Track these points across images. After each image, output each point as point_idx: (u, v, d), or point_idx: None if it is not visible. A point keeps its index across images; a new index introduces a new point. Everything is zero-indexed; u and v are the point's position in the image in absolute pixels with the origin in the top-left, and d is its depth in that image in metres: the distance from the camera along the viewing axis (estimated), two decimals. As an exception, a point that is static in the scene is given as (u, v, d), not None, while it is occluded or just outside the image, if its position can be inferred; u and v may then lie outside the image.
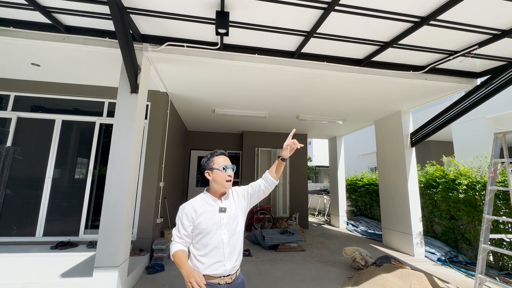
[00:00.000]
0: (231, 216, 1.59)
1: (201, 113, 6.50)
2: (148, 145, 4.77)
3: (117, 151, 3.16)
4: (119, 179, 3.10)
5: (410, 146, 5.69)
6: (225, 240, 1.53)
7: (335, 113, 6.29)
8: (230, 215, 1.59)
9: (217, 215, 1.56)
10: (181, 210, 1.56)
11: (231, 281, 1.54)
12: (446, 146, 9.35)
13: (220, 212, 1.57)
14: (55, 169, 4.53)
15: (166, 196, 5.40)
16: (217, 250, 1.51)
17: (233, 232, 1.58)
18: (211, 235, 1.52)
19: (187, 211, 1.54)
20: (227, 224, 1.56)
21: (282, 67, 3.80)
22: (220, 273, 1.50)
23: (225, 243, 1.53)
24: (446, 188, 5.25)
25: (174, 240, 1.55)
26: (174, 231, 1.56)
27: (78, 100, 4.80)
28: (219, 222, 1.54)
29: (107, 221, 2.99)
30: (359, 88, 4.61)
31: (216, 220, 1.54)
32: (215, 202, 1.61)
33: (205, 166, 1.66)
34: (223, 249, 1.52)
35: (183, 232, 1.53)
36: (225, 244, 1.53)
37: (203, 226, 1.51)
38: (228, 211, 1.59)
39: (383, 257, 4.14)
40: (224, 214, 1.57)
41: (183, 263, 1.45)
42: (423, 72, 4.14)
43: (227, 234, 1.55)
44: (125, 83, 3.30)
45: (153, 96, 4.90)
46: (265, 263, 4.62)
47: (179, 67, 3.94)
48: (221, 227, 1.54)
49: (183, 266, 1.43)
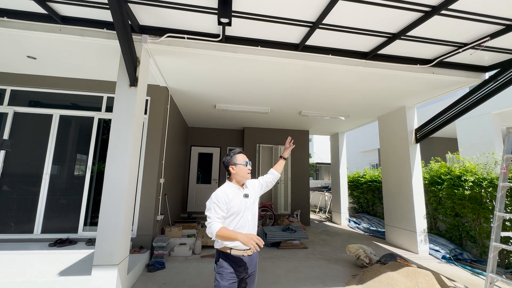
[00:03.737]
0: (251, 200, 1.95)
1: (201, 108, 6.39)
2: (148, 141, 4.67)
3: (116, 147, 3.06)
4: (118, 175, 3.00)
5: (414, 142, 5.59)
6: (249, 219, 1.90)
7: (338, 109, 6.17)
8: (251, 200, 1.95)
9: (243, 200, 1.90)
10: (215, 197, 1.83)
11: (252, 253, 1.89)
12: (449, 142, 9.25)
13: (245, 197, 1.92)
14: (53, 165, 4.44)
15: (166, 193, 5.32)
16: (243, 229, 1.84)
17: (254, 213, 1.96)
18: (240, 216, 1.86)
19: (223, 197, 1.83)
20: (250, 207, 1.93)
21: (285, 60, 3.68)
22: (244, 247, 1.81)
23: (249, 221, 1.89)
24: (451, 185, 5.16)
25: (213, 221, 1.75)
26: (210, 214, 1.79)
27: (76, 95, 4.69)
28: (245, 206, 1.89)
29: (105, 219, 2.90)
30: (364, 82, 4.50)
31: (243, 204, 1.89)
32: (239, 190, 1.94)
33: (229, 162, 2.00)
34: (248, 227, 1.87)
35: (221, 213, 1.80)
36: (249, 223, 1.89)
37: (234, 209, 1.84)
38: (250, 197, 1.95)
39: (387, 255, 4.07)
40: (247, 199, 1.93)
41: (234, 232, 1.72)
42: (430, 66, 4.03)
43: (250, 215, 1.91)
44: (124, 75, 3.19)
45: (152, 91, 4.79)
46: (267, 260, 4.55)
47: (179, 60, 3.82)
48: (247, 209, 1.90)
49: (237, 234, 1.69)
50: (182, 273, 3.83)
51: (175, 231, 5.06)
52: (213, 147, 8.85)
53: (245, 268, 1.84)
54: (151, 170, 4.59)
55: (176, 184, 6.71)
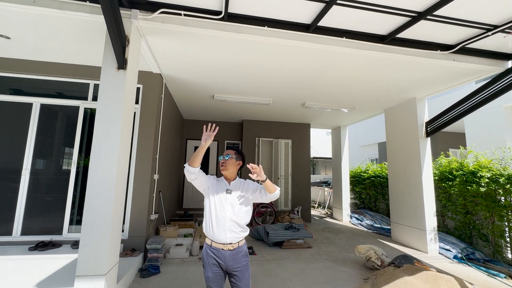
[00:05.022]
0: (234, 197, 1.95)
1: (198, 99, 5.96)
2: (140, 134, 4.25)
3: (102, 139, 2.65)
4: (105, 172, 2.60)
5: (425, 136, 5.29)
6: (228, 216, 1.90)
7: (344, 100, 5.82)
8: (233, 196, 1.95)
9: (224, 194, 1.94)
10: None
11: (233, 248, 1.89)
12: (454, 137, 9.00)
13: (227, 193, 1.95)
14: (34, 160, 3.99)
15: (161, 189, 4.92)
16: (219, 222, 1.89)
17: (238, 212, 1.92)
18: (216, 205, 1.91)
19: (211, 177, 2.04)
20: (231, 203, 1.93)
21: (294, 42, 3.29)
22: (223, 241, 1.87)
23: (227, 218, 1.89)
24: (464, 181, 4.90)
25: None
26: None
27: (58, 82, 4.21)
28: (225, 200, 1.93)
29: (90, 222, 2.51)
30: (377, 70, 4.13)
31: (223, 197, 1.94)
32: (225, 184, 2.01)
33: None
34: (225, 222, 1.88)
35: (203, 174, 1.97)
36: (227, 220, 1.89)
37: (210, 195, 1.95)
38: (233, 194, 1.95)
39: (401, 257, 3.79)
40: (229, 195, 1.95)
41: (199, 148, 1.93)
42: (452, 52, 3.68)
43: (231, 212, 1.90)
44: (111, 56, 2.75)
45: (145, 78, 4.35)
46: (271, 262, 4.23)
47: (174, 42, 3.39)
48: (226, 204, 1.92)
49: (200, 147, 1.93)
50: (179, 279, 3.48)
51: (170, 231, 4.70)
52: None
53: (226, 261, 1.86)
54: (144, 165, 4.18)
55: (171, 180, 6.32)
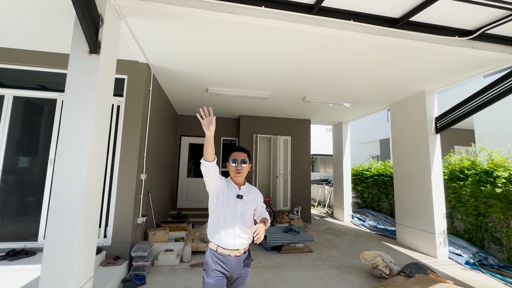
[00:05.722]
0: (244, 203, 1.84)
1: (191, 92, 5.55)
2: (125, 130, 3.86)
3: (70, 136, 2.26)
4: (74, 173, 2.22)
5: (434, 132, 4.93)
6: (238, 220, 1.79)
7: (348, 94, 5.43)
8: (244, 202, 1.85)
9: (235, 199, 1.83)
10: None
11: (240, 254, 1.80)
12: (461, 134, 8.64)
13: (238, 198, 1.83)
14: (5, 158, 3.60)
15: (150, 190, 4.55)
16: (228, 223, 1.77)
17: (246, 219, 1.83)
18: (227, 208, 1.79)
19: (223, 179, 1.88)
20: (243, 208, 1.82)
21: (295, 25, 2.89)
22: (231, 247, 1.76)
23: (238, 223, 1.78)
24: (476, 181, 4.55)
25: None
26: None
27: (33, 71, 3.80)
28: (235, 204, 1.81)
29: (55, 233, 2.13)
30: (386, 59, 3.74)
31: (233, 201, 1.82)
32: (235, 189, 1.87)
33: (227, 158, 1.93)
34: (235, 225, 1.77)
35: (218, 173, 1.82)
36: (237, 225, 1.78)
37: (222, 198, 1.81)
38: (245, 199, 1.85)
39: (412, 265, 3.44)
40: (241, 200, 1.84)
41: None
42: (470, 39, 3.30)
43: (240, 218, 1.80)
44: (80, 38, 2.35)
45: (130, 68, 3.94)
46: (268, 270, 3.88)
47: (159, 25, 2.98)
48: (237, 210, 1.80)
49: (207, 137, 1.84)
50: (166, 291, 3.12)
51: (160, 235, 4.34)
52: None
53: (231, 268, 1.77)
54: (129, 164, 3.80)
55: (163, 179, 5.94)
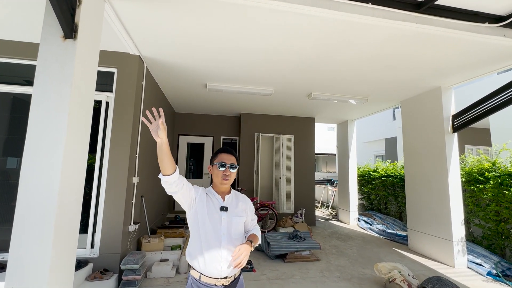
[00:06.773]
0: (233, 217, 1.53)
1: (189, 88, 5.19)
2: (114, 129, 3.50)
3: (39, 135, 1.91)
4: (45, 178, 1.85)
5: (451, 131, 4.56)
6: (225, 240, 1.46)
7: (357, 90, 5.05)
8: (230, 215, 1.53)
9: (218, 212, 1.51)
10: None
11: (228, 283, 1.47)
12: (475, 133, 8.22)
13: (221, 210, 1.52)
14: (-19, 161, 3.25)
15: (143, 194, 4.20)
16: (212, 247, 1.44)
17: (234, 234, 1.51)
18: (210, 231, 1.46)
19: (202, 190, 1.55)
20: (229, 222, 1.51)
21: (305, 8, 2.52)
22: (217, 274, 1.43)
23: (224, 243, 1.46)
24: (498, 184, 4.19)
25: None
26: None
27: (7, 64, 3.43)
28: (219, 220, 1.49)
29: (21, 247, 1.77)
30: (404, 49, 3.35)
31: (216, 216, 1.50)
32: (217, 200, 1.55)
33: (210, 160, 1.64)
34: (220, 248, 1.44)
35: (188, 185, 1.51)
36: (224, 246, 1.45)
37: (201, 215, 1.48)
38: (231, 211, 1.54)
39: (434, 280, 3.08)
40: (226, 213, 1.52)
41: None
42: (502, 26, 2.92)
43: (226, 235, 1.48)
44: (53, 21, 1.98)
45: (121, 61, 3.58)
46: (272, 282, 3.53)
47: (149, 9, 2.61)
48: (221, 226, 1.49)
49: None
50: (158, 311, 2.78)
51: (154, 243, 3.99)
52: (205, 137, 7.68)
53: None
54: (119, 167, 3.44)
55: (159, 182, 5.56)
